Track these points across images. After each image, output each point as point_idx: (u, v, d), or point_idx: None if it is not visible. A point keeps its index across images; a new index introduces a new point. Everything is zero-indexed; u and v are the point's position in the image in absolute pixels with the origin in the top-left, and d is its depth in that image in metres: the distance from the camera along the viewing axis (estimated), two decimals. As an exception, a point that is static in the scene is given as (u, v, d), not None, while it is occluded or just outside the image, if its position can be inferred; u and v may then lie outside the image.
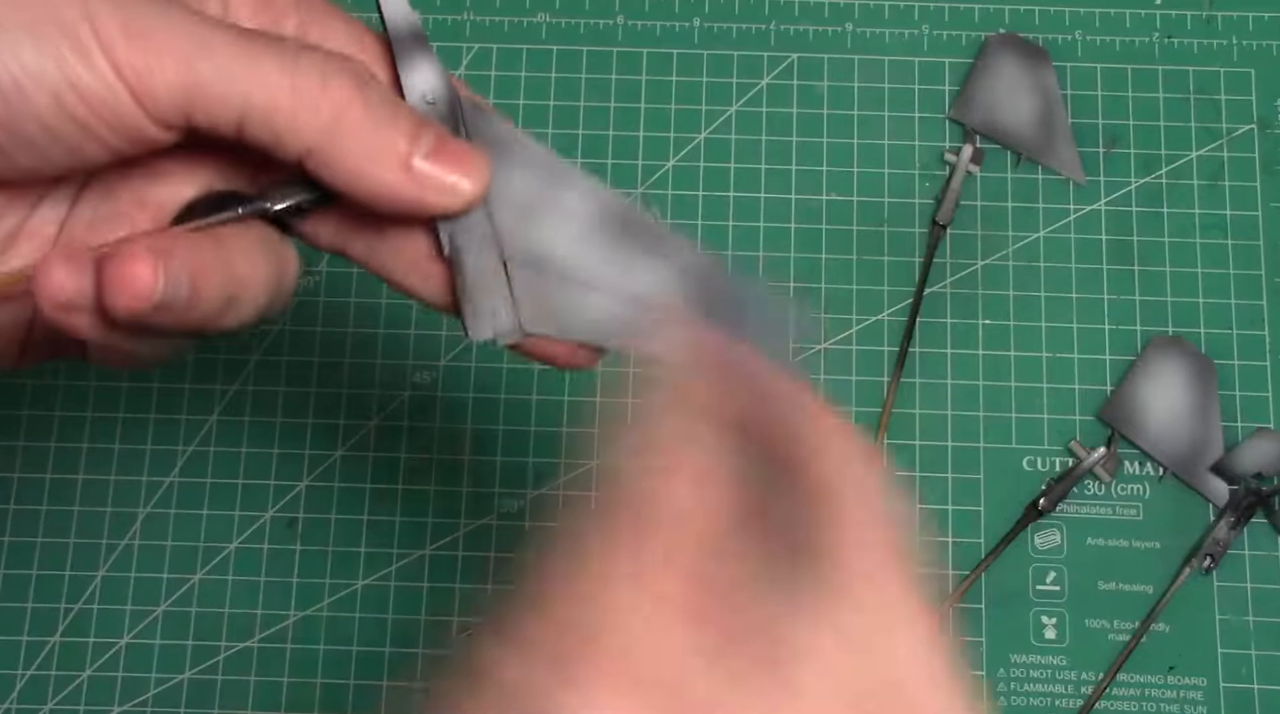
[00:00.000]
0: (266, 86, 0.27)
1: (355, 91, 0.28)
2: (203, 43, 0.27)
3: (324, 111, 0.28)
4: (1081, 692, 0.47)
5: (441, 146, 0.29)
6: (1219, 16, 0.54)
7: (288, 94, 0.27)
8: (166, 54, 0.27)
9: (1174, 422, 0.49)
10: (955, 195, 0.52)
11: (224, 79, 0.27)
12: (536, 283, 0.31)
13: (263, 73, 0.27)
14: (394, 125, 0.29)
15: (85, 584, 0.48)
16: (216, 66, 0.27)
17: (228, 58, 0.27)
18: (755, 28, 0.54)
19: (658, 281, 0.31)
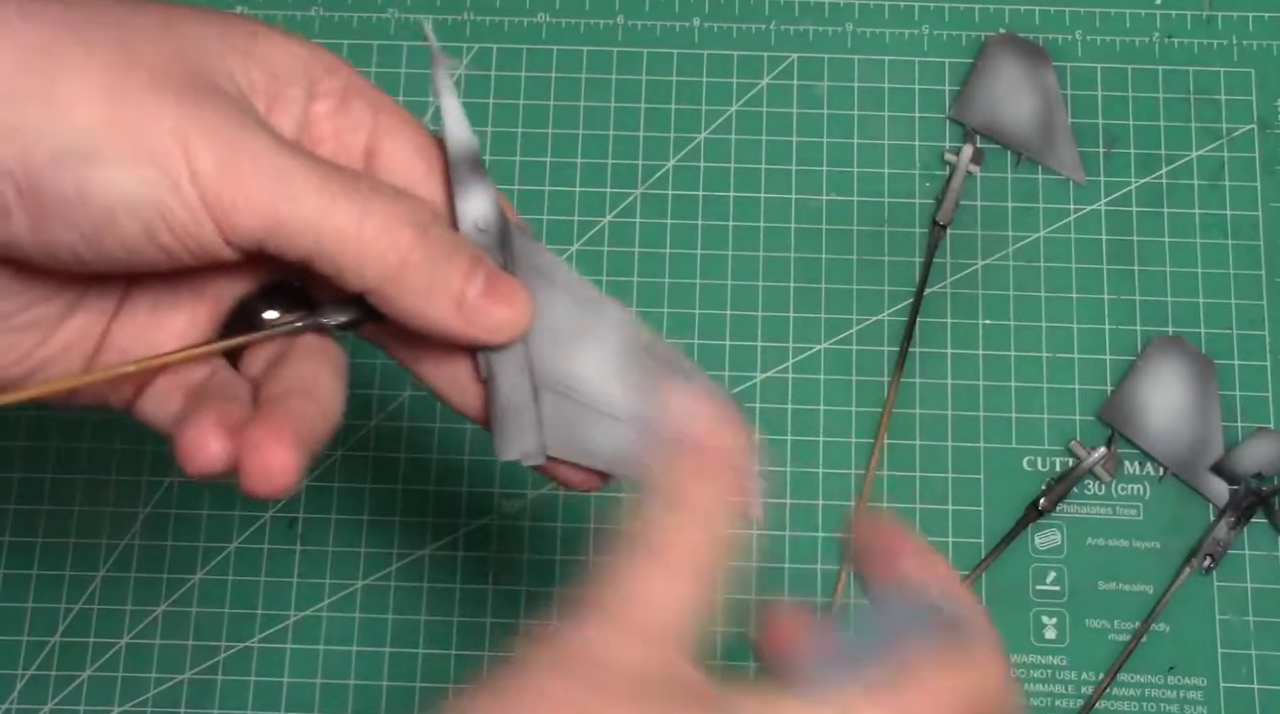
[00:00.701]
0: (339, 232, 0.28)
1: (420, 237, 0.29)
2: (285, 180, 0.28)
3: (389, 258, 0.29)
4: (1081, 692, 0.47)
5: (492, 285, 0.31)
6: (1219, 16, 0.54)
7: (357, 241, 0.29)
8: (252, 192, 0.28)
9: (1174, 422, 0.49)
10: (955, 195, 0.52)
11: (301, 221, 0.28)
12: (563, 409, 0.32)
13: (338, 218, 0.28)
14: (451, 265, 0.30)
15: (85, 584, 0.48)
16: (295, 209, 0.28)
17: (306, 199, 0.28)
18: (755, 28, 0.54)
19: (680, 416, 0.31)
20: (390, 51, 0.54)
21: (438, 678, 0.48)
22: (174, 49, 0.28)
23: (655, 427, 0.32)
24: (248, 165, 0.27)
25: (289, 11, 0.54)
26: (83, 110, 0.26)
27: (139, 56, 0.27)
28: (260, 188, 0.28)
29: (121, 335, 0.31)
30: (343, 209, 0.28)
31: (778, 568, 0.48)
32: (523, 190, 0.52)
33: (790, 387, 0.50)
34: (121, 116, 0.27)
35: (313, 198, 0.28)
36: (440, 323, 0.30)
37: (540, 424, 0.32)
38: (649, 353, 0.32)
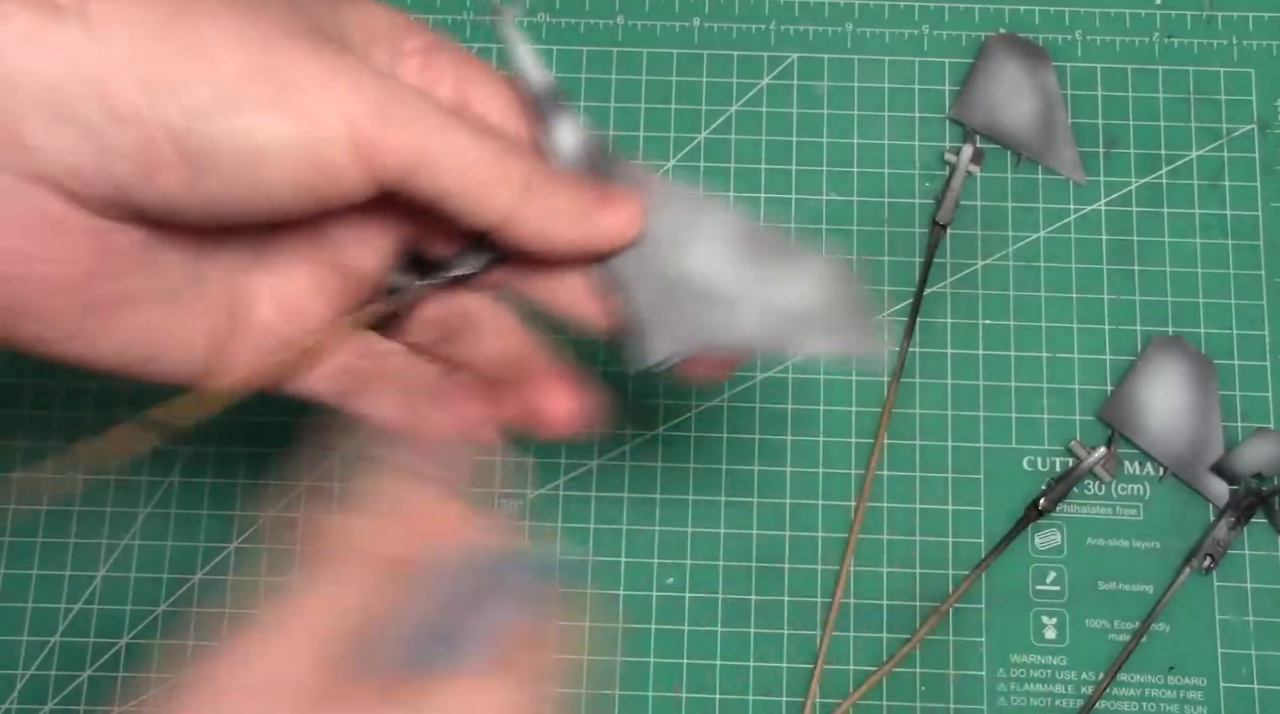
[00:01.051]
0: (476, 163, 0.30)
1: (537, 162, 0.31)
2: (424, 118, 0.29)
3: (516, 183, 0.30)
4: (1081, 692, 0.47)
5: (606, 196, 0.32)
6: (1219, 16, 0.54)
7: (491, 168, 0.30)
8: (397, 130, 0.28)
9: (1174, 422, 0.49)
10: (955, 195, 0.52)
11: (442, 154, 0.29)
12: (687, 308, 0.33)
13: (471, 150, 0.29)
14: (566, 183, 0.31)
15: (85, 584, 0.48)
16: (437, 143, 0.29)
17: (445, 135, 0.29)
18: (755, 28, 0.54)
19: (795, 291, 0.34)
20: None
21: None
22: (289, 4, 0.29)
23: (772, 302, 0.33)
24: (391, 104, 0.28)
25: (289, 11, 0.54)
26: (230, 59, 0.27)
27: (267, 9, 0.28)
28: (404, 125, 0.28)
29: (257, 310, 0.32)
30: (474, 141, 0.29)
31: (778, 568, 0.48)
32: (523, 190, 0.52)
33: (790, 386, 0.50)
34: (267, 63, 0.27)
35: (450, 133, 0.29)
36: (568, 243, 0.31)
37: (670, 325, 0.33)
38: (759, 240, 0.34)
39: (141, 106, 0.26)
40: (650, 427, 0.50)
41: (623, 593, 0.48)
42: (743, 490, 0.49)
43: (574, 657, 0.48)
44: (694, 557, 0.49)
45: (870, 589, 0.48)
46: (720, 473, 0.49)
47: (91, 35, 0.26)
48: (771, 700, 0.47)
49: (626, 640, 0.48)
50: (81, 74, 0.26)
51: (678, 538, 0.49)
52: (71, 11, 0.26)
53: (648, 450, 0.50)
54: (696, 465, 0.49)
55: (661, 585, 0.48)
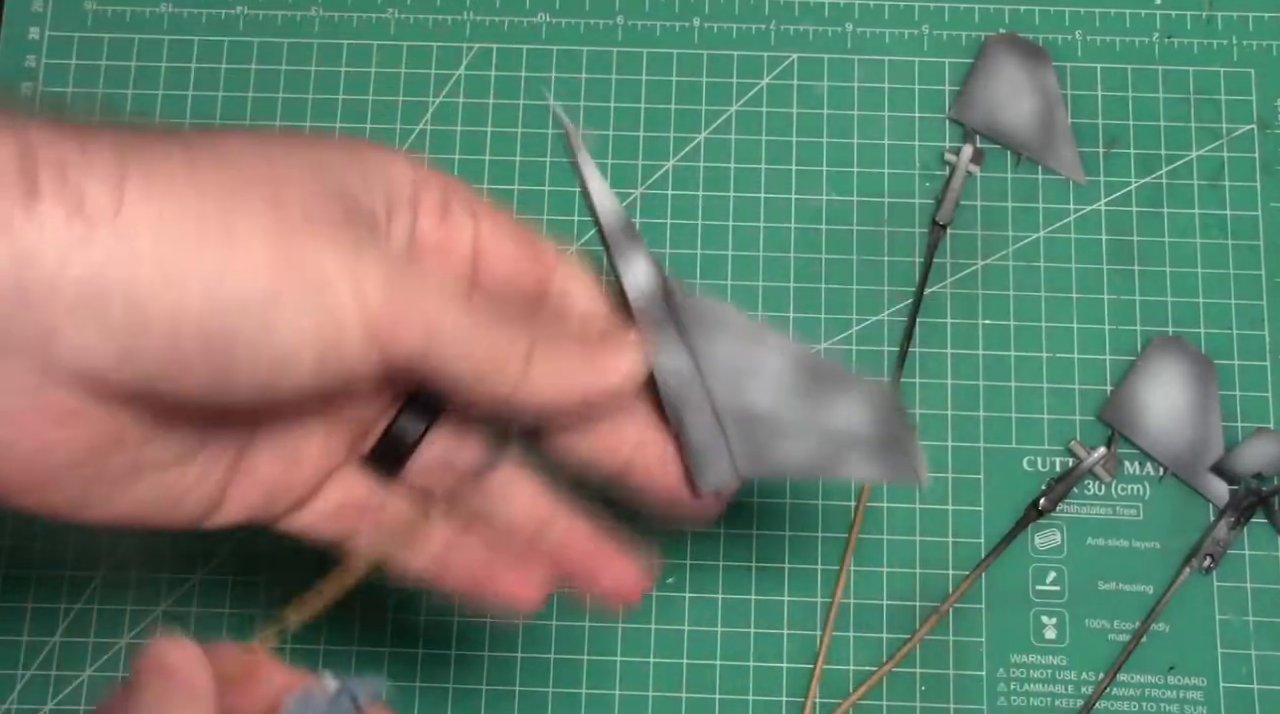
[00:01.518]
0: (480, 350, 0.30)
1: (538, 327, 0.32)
2: (437, 305, 0.30)
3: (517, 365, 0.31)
4: (1081, 692, 0.47)
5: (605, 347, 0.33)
6: (1219, 16, 0.54)
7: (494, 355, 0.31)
8: (412, 320, 0.29)
9: (1174, 422, 0.49)
10: (955, 195, 0.52)
11: (450, 344, 0.30)
12: (748, 433, 0.35)
13: (477, 339, 0.30)
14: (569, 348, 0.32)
15: (85, 584, 0.48)
16: (446, 333, 0.30)
17: (454, 325, 0.30)
18: (755, 28, 0.54)
19: (847, 418, 0.35)
20: (390, 51, 0.54)
21: (437, 678, 0.48)
22: (315, 182, 0.29)
23: (826, 430, 0.35)
24: (403, 294, 0.29)
25: (289, 11, 0.54)
26: (257, 256, 0.27)
27: (292, 197, 0.28)
28: (414, 316, 0.29)
29: (259, 459, 0.32)
30: (477, 328, 0.30)
31: (778, 568, 0.48)
32: (523, 190, 0.52)
33: (790, 387, 0.50)
34: (292, 259, 0.27)
35: (456, 320, 0.30)
36: (571, 400, 0.32)
37: (730, 452, 0.35)
38: (815, 369, 0.35)
39: (170, 309, 0.26)
40: (650, 427, 0.50)
41: (623, 593, 0.48)
42: (743, 491, 0.49)
43: (574, 657, 0.48)
44: (694, 557, 0.49)
45: (870, 589, 0.48)
46: (720, 473, 0.49)
47: (123, 239, 0.26)
48: (771, 700, 0.47)
49: (626, 640, 0.48)
50: (112, 278, 0.26)
51: (678, 538, 0.49)
52: (105, 217, 0.26)
53: (648, 450, 0.50)
54: (696, 465, 0.49)
55: (661, 585, 0.48)
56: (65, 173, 0.26)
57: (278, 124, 0.53)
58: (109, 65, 0.54)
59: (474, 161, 0.53)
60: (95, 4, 0.55)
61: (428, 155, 0.53)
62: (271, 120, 0.53)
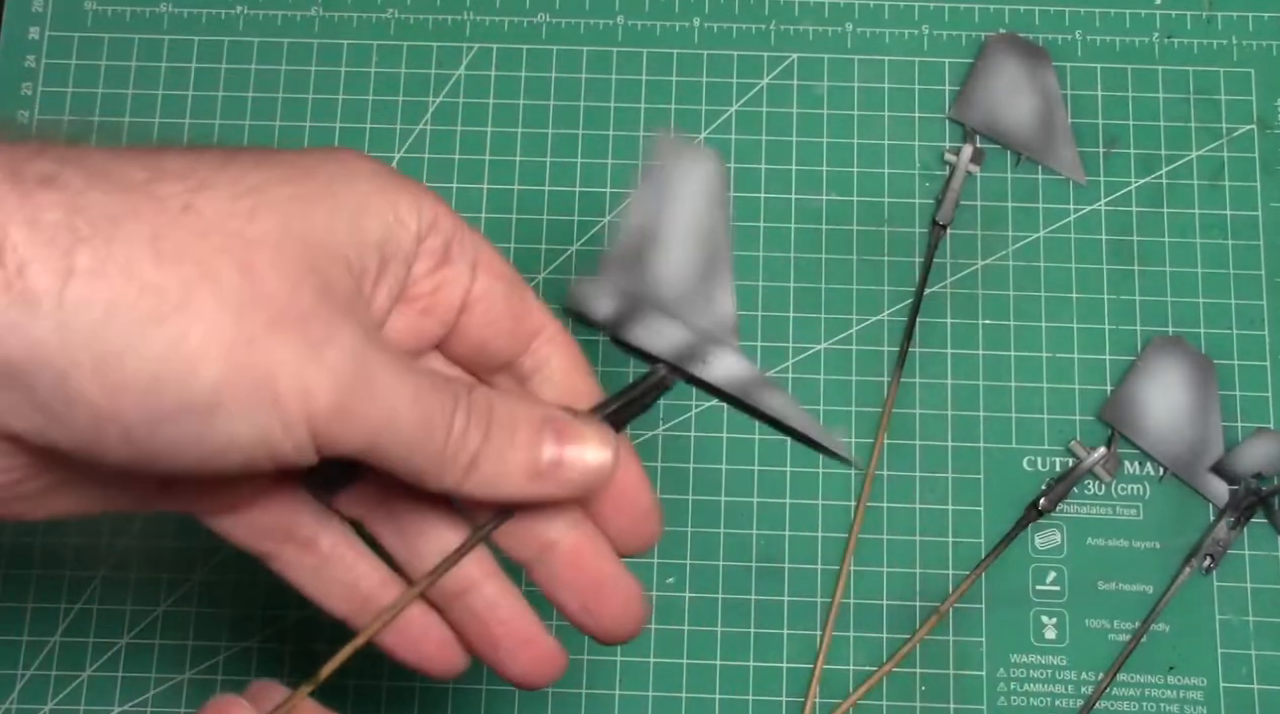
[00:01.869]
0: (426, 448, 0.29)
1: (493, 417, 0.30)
2: (388, 409, 0.28)
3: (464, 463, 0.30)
4: (1081, 692, 0.47)
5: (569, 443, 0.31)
6: (1219, 16, 0.54)
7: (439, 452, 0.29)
8: (358, 426, 0.28)
9: (1174, 422, 0.49)
10: (955, 195, 0.52)
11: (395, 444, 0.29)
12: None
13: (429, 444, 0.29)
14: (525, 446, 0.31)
15: (85, 584, 0.48)
16: (393, 436, 0.29)
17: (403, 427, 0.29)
18: (755, 28, 0.54)
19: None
20: (390, 51, 0.54)
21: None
22: (296, 258, 0.27)
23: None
24: (358, 401, 0.28)
25: (289, 11, 0.54)
26: (210, 366, 0.26)
27: (266, 268, 0.27)
28: (365, 422, 0.28)
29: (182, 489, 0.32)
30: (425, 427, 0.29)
31: (777, 568, 0.48)
32: (522, 190, 0.52)
33: (790, 387, 0.50)
34: (246, 367, 0.26)
35: (408, 420, 0.29)
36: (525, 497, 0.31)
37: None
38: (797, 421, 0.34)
39: (99, 404, 0.25)
40: (650, 427, 0.50)
41: (623, 593, 0.48)
42: (743, 490, 0.49)
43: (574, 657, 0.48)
44: (694, 557, 0.49)
45: (870, 589, 0.48)
46: (719, 473, 0.49)
47: (61, 325, 0.25)
48: (771, 700, 0.47)
49: (626, 640, 0.48)
50: (43, 361, 0.25)
51: (678, 538, 0.49)
52: (47, 301, 0.25)
53: (648, 451, 0.50)
54: (696, 465, 0.49)
55: (661, 585, 0.48)
56: (5, 242, 0.24)
57: (277, 124, 0.53)
58: (109, 65, 0.54)
59: (474, 161, 0.53)
60: (95, 4, 0.55)
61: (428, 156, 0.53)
62: (271, 120, 0.53)
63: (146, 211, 0.26)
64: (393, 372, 0.28)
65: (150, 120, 0.53)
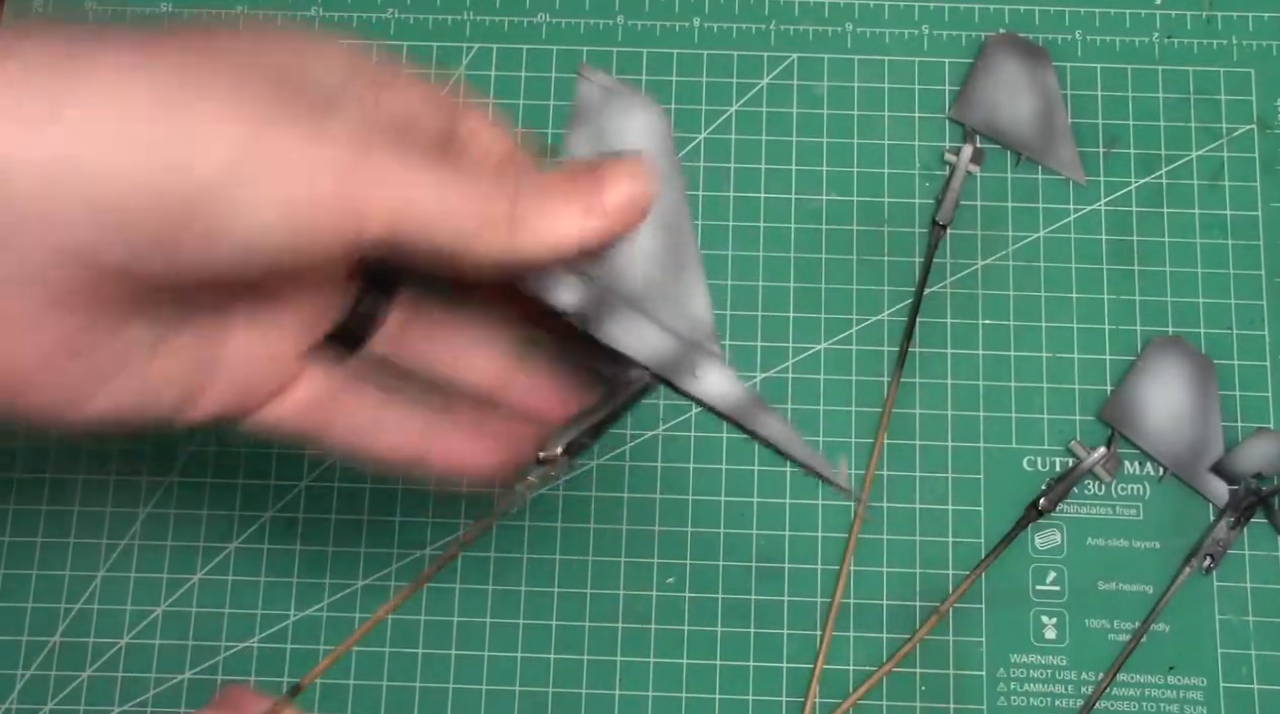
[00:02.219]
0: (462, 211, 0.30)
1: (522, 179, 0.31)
2: (408, 173, 0.29)
3: (504, 219, 0.30)
4: (1081, 692, 0.47)
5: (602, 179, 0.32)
6: (1219, 16, 0.54)
7: (478, 213, 0.30)
8: (380, 204, 0.28)
9: (1174, 422, 0.49)
10: (955, 195, 0.52)
11: (429, 212, 0.29)
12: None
13: (457, 199, 0.29)
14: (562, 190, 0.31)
15: (85, 584, 0.48)
16: (422, 198, 0.29)
17: (430, 189, 0.29)
18: (755, 28, 0.54)
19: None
20: (390, 51, 0.54)
21: (437, 678, 0.48)
22: (271, 66, 0.29)
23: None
24: (376, 163, 0.28)
25: (289, 11, 0.54)
26: (225, 139, 0.27)
27: (251, 77, 0.28)
28: (391, 180, 0.29)
29: (228, 351, 0.32)
30: (457, 188, 0.29)
31: (777, 568, 0.48)
32: (523, 190, 0.52)
33: (790, 387, 0.50)
34: (259, 138, 0.27)
35: (432, 185, 0.29)
36: (572, 242, 0.31)
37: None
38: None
39: (137, 184, 0.26)
40: (650, 427, 0.50)
41: (623, 593, 0.48)
42: (743, 490, 0.49)
43: (574, 657, 0.48)
44: (694, 557, 0.49)
45: (870, 589, 0.48)
46: (719, 473, 0.49)
47: (76, 128, 0.26)
48: (771, 700, 0.47)
49: (626, 640, 0.48)
50: (69, 165, 0.26)
51: (678, 538, 0.49)
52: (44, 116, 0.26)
53: (648, 450, 0.50)
54: (696, 466, 0.49)
55: (661, 585, 0.48)
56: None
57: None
58: (109, 65, 0.54)
59: (474, 161, 0.53)
60: (95, 4, 0.55)
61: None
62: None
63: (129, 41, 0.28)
64: (399, 147, 0.29)
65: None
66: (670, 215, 0.33)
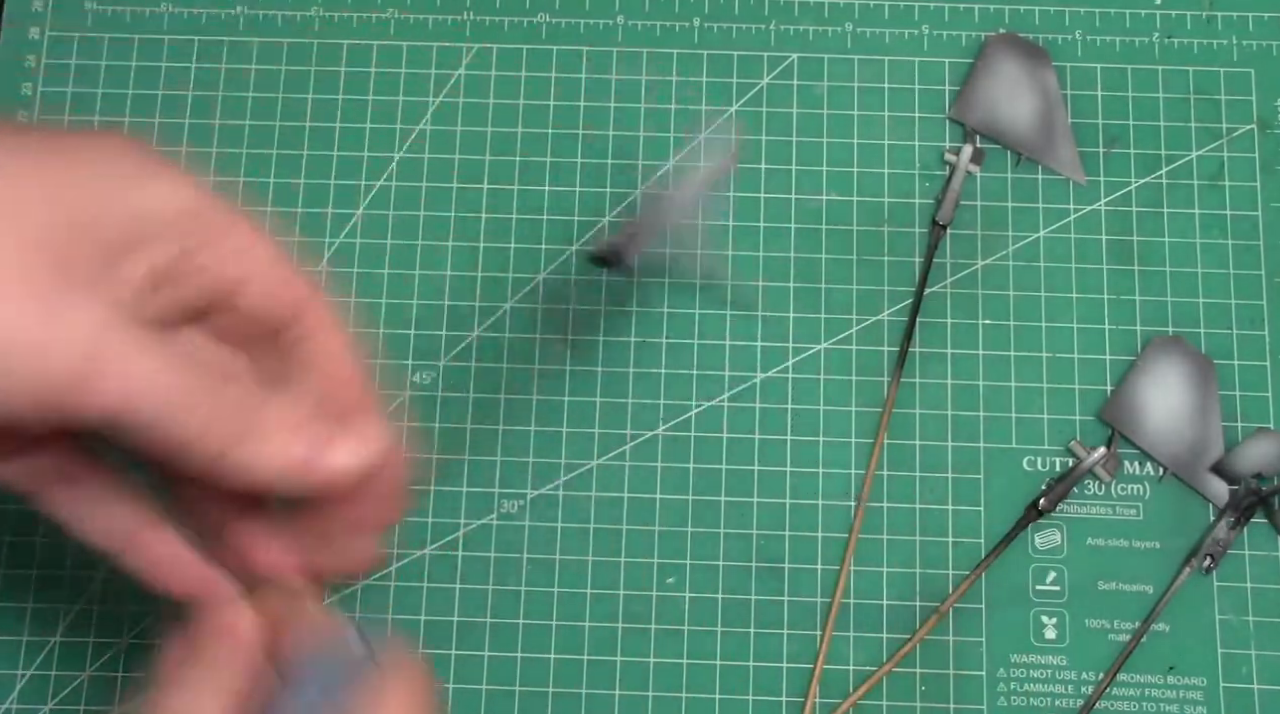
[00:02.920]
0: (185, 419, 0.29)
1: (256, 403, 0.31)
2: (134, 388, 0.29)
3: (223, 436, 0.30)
4: (1081, 692, 0.47)
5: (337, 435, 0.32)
6: (1219, 16, 0.54)
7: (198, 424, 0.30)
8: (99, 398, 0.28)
9: (1174, 422, 0.49)
10: (955, 195, 0.52)
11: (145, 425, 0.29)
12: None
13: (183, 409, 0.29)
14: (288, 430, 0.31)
15: (85, 584, 0.48)
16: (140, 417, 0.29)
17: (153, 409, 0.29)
18: (755, 28, 0.54)
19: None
20: (390, 51, 0.54)
21: (437, 678, 0.48)
22: (38, 227, 0.28)
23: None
24: (97, 371, 0.28)
25: (289, 11, 0.54)
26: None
27: (8, 226, 0.27)
28: (105, 392, 0.28)
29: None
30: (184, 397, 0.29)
31: (777, 568, 0.48)
32: (523, 190, 0.52)
33: (790, 386, 0.50)
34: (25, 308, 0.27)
35: (157, 398, 0.29)
36: (285, 484, 0.31)
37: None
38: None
39: None
40: (650, 427, 0.50)
41: (623, 593, 0.48)
42: (743, 490, 0.49)
43: (574, 657, 0.48)
44: (694, 557, 0.49)
45: (870, 589, 0.48)
46: (720, 473, 0.49)
47: None
48: (771, 700, 0.47)
49: (626, 640, 0.48)
50: None
51: (678, 538, 0.49)
52: None
53: (648, 450, 0.50)
54: (696, 465, 0.49)
55: (661, 585, 0.48)
56: None
57: (277, 124, 0.53)
58: (109, 65, 0.54)
59: (474, 161, 0.53)
60: (95, 4, 0.55)
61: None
62: (271, 120, 0.53)
63: None
64: (139, 346, 0.29)
65: (150, 120, 0.53)
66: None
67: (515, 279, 0.51)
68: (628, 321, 0.51)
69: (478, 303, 0.51)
